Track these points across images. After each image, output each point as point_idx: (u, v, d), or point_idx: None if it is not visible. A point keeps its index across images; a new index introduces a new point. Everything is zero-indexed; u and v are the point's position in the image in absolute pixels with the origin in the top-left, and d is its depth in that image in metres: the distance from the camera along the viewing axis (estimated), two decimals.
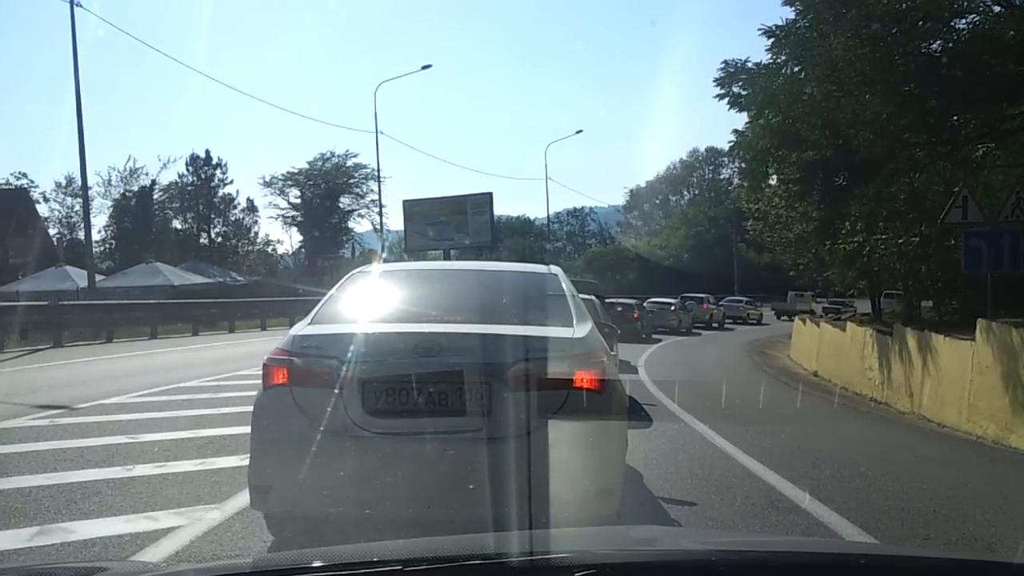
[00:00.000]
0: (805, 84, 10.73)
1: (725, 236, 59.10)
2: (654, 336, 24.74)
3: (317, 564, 1.64)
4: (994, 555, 3.64)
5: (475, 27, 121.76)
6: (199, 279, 32.80)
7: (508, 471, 3.12)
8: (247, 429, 6.38)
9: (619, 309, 22.18)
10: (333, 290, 4.04)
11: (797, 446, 6.97)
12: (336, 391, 3.27)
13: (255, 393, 3.64)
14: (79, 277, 30.19)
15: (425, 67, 35.97)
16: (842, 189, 13.51)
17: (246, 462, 5.20)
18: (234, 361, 13.32)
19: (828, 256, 19.37)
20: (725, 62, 13.13)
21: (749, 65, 11.90)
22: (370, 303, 4.00)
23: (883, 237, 16.71)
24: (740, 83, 13.46)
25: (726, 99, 14.24)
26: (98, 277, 33.38)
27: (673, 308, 29.23)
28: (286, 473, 3.29)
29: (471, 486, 3.17)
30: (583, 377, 3.36)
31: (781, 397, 11.78)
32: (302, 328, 3.63)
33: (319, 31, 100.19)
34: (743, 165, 15.92)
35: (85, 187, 23.89)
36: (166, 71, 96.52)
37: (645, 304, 26.53)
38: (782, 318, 26.45)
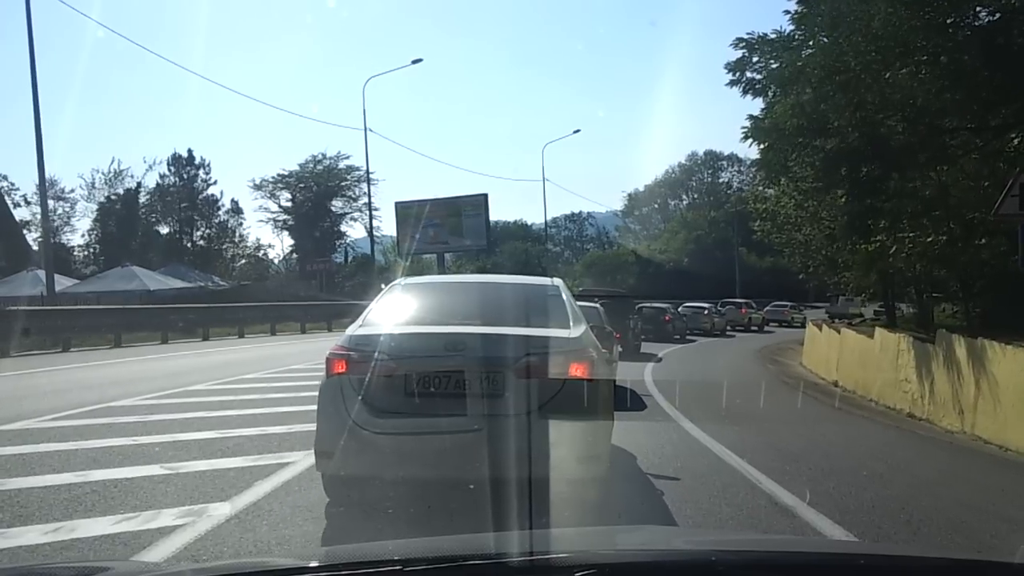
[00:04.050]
0: (842, 55, 9.28)
1: (725, 239, 58.17)
2: (688, 337, 26.34)
3: (317, 564, 1.66)
4: (994, 555, 3.49)
5: (474, 30, 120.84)
6: (178, 283, 31.29)
7: (516, 442, 3.77)
8: (156, 470, 5.07)
9: (651, 312, 24.33)
10: (375, 301, 4.78)
11: (879, 494, 5.32)
12: (383, 378, 3.99)
13: (191, 415, 4.85)
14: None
15: (415, 61, 34.63)
16: (873, 181, 12.14)
17: (119, 528, 3.84)
18: (192, 373, 11.85)
19: (850, 257, 17.90)
20: (739, 38, 11.75)
21: (771, 37, 10.51)
22: (406, 310, 4.71)
23: (911, 235, 15.28)
24: (757, 64, 12.12)
25: (739, 85, 12.93)
26: (72, 281, 31.97)
27: (706, 312, 30.80)
28: (344, 442, 3.93)
29: (485, 451, 3.78)
30: (576, 369, 4.03)
31: (812, 412, 10.36)
32: (355, 329, 4.37)
33: (313, 33, 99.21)
34: (757, 156, 14.49)
35: (43, 183, 22.34)
36: (150, 68, 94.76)
37: (680, 308, 28.40)
38: (834, 321, 27.42)
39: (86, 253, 49.48)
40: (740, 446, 6.35)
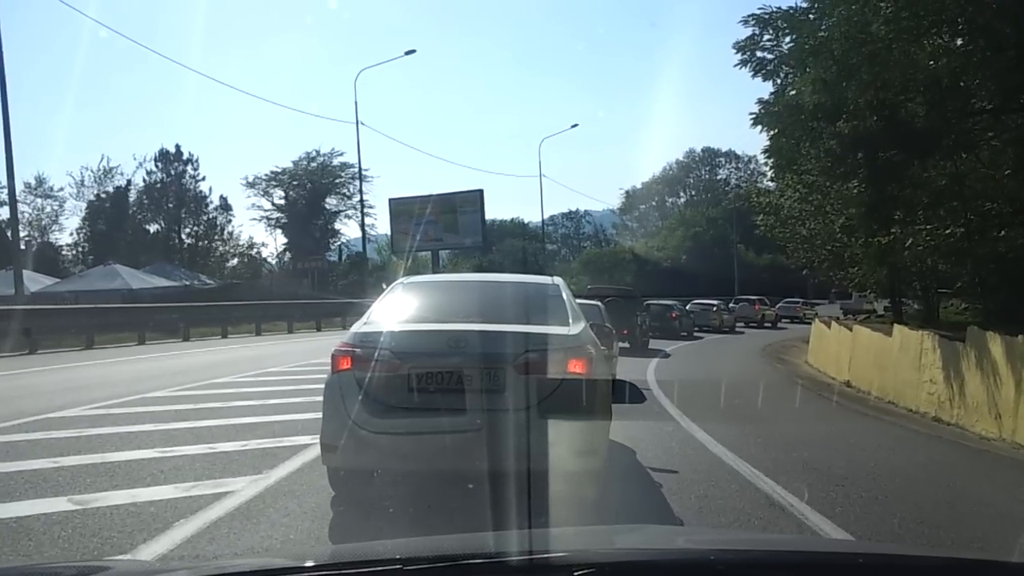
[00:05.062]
0: (868, 25, 8.38)
1: (723, 236, 57.54)
2: (696, 334, 26.28)
3: (319, 563, 1.63)
4: (991, 554, 3.15)
5: (474, 29, 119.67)
6: (163, 282, 30.24)
7: (516, 437, 3.86)
8: (61, 504, 4.18)
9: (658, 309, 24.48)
10: (379, 299, 4.89)
11: (959, 536, 4.32)
12: (387, 374, 4.15)
13: (136, 428, 5.05)
14: (31, 280, 27.79)
15: (409, 52, 33.56)
16: (893, 167, 11.30)
17: None
18: (158, 378, 10.90)
19: (862, 250, 17.00)
20: (751, 14, 10.90)
21: (787, 9, 9.65)
22: (409, 308, 4.81)
23: (927, 227, 14.40)
24: (768, 42, 11.30)
25: (748, 66, 12.13)
26: (52, 280, 31.02)
27: (715, 309, 30.88)
28: (348, 436, 4.06)
29: (486, 445, 3.88)
30: (575, 365, 4.20)
31: (833, 416, 9.49)
32: (360, 327, 4.54)
33: (311, 32, 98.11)
34: (767, 143, 13.66)
35: (11, 177, 21.36)
36: (140, 65, 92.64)
37: (688, 306, 28.75)
38: (848, 316, 28.42)
39: (75, 252, 48.46)
40: (767, 463, 5.48)
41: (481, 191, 39.88)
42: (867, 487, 5.01)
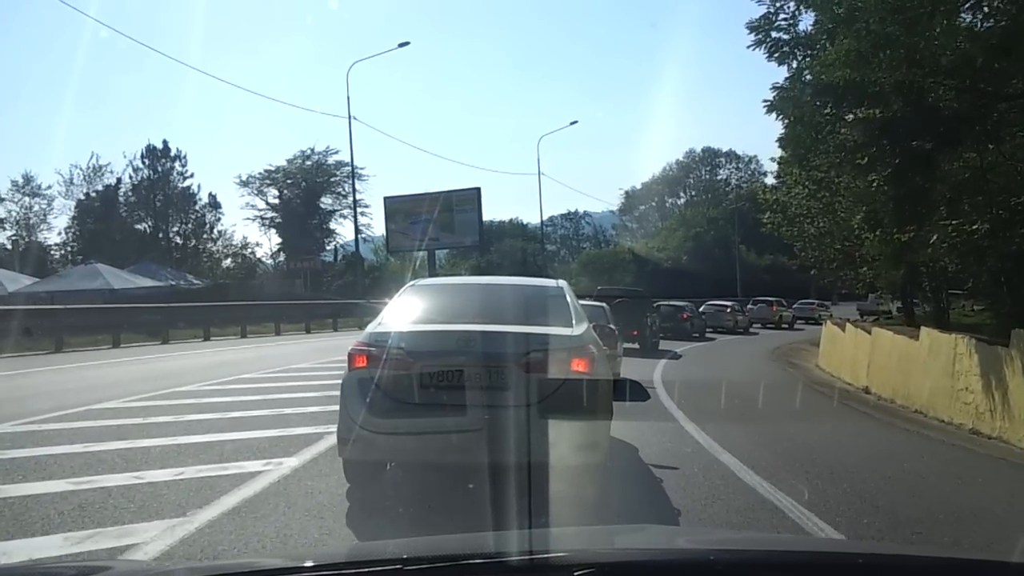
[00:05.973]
0: None
1: (724, 237, 56.85)
2: (709, 335, 25.99)
3: (319, 563, 1.63)
4: (992, 554, 3.05)
5: (474, 31, 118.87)
6: (147, 282, 29.20)
7: (519, 433, 4.00)
8: None
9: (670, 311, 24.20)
10: (392, 300, 5.18)
11: None
12: (400, 372, 4.34)
13: (62, 449, 5.22)
14: (9, 280, 26.82)
15: (402, 44, 32.62)
16: (925, 156, 10.37)
17: None
18: (118, 385, 9.90)
19: (881, 248, 16.04)
20: None
21: None
22: (421, 308, 5.11)
23: (953, 223, 13.44)
24: (783, 21, 10.39)
25: (763, 47, 11.21)
26: (30, 280, 29.99)
27: (729, 310, 30.77)
28: (362, 430, 4.27)
29: (491, 440, 4.00)
30: (577, 364, 4.38)
31: (863, 428, 8.52)
32: (375, 327, 4.75)
33: (310, 33, 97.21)
34: (783, 131, 12.71)
35: None
36: (135, 61, 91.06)
37: (701, 308, 28.46)
38: (865, 317, 28.88)
39: (63, 252, 47.44)
40: (816, 499, 4.52)
41: (478, 189, 38.91)
42: (953, 535, 4.01)
